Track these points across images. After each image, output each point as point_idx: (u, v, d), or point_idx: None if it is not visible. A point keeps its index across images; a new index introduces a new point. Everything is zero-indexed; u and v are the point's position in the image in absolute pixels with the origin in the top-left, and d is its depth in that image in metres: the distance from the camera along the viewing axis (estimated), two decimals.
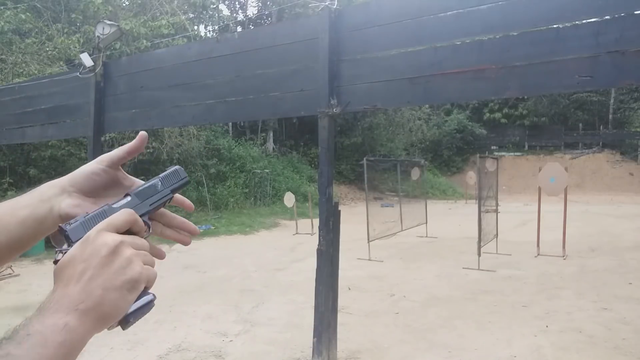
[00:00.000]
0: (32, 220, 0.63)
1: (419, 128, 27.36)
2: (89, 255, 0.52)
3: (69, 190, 0.65)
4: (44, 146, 11.19)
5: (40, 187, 0.67)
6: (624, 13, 2.90)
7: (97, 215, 0.58)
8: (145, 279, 0.55)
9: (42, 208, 0.63)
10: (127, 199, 0.63)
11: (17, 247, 0.64)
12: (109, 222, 0.56)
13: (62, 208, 0.63)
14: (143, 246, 0.57)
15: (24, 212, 0.64)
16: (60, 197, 0.64)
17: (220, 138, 19.11)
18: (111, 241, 0.53)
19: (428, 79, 3.54)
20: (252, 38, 4.68)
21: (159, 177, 0.69)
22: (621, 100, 32.79)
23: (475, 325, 5.08)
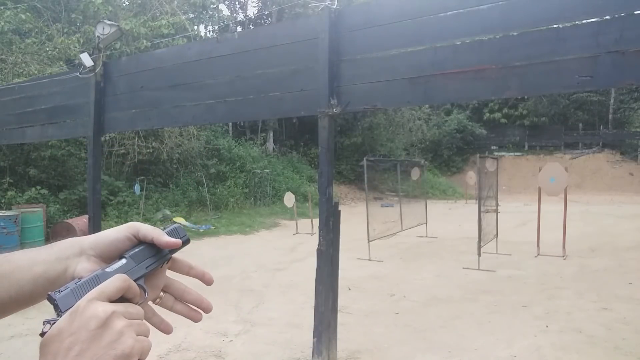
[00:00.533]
0: (45, 279, 0.60)
1: (419, 128, 27.36)
2: (77, 328, 0.49)
3: (88, 253, 0.61)
4: (44, 146, 11.19)
5: (60, 243, 0.63)
6: (624, 13, 2.90)
7: (89, 281, 0.54)
8: (138, 352, 0.51)
9: (58, 267, 0.60)
10: (122, 261, 0.59)
11: (25, 303, 0.62)
12: (101, 291, 0.52)
13: (77, 271, 0.60)
14: (137, 315, 0.54)
15: (39, 268, 0.60)
16: (77, 258, 0.61)
17: (220, 138, 19.11)
18: (102, 312, 0.50)
19: (428, 79, 3.54)
20: (252, 38, 4.68)
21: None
22: (621, 100, 32.79)
23: (475, 325, 5.08)
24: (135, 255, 0.60)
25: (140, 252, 0.61)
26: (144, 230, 0.62)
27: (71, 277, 0.59)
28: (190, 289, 0.67)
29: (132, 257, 0.60)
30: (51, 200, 11.18)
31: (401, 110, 24.27)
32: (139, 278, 0.59)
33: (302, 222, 12.93)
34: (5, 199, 10.61)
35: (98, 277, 0.55)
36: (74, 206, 11.58)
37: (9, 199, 10.57)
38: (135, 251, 0.61)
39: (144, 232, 0.62)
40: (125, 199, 13.10)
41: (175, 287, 0.67)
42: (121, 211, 12.69)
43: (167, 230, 0.66)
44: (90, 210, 5.75)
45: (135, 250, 0.61)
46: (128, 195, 13.23)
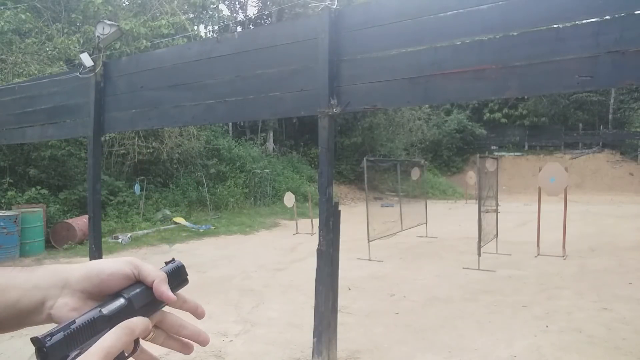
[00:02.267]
0: (17, 309, 0.50)
1: (419, 128, 27.36)
2: None
3: (73, 287, 0.53)
4: (44, 146, 11.19)
5: (42, 268, 0.54)
6: (624, 13, 2.90)
7: (84, 327, 0.47)
8: None
9: (34, 296, 0.51)
10: (119, 301, 0.52)
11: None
12: (106, 352, 0.45)
13: (56, 308, 0.51)
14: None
15: (13, 294, 0.50)
16: (59, 290, 0.52)
17: (220, 138, 19.12)
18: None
19: (428, 79, 3.54)
20: (252, 38, 4.68)
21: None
22: (621, 100, 32.78)
23: (475, 325, 5.08)
24: (136, 297, 0.53)
25: (140, 293, 0.53)
26: (145, 270, 0.55)
27: (48, 314, 0.51)
28: (187, 323, 0.59)
29: (132, 299, 0.52)
30: (51, 200, 11.18)
31: (401, 110, 24.27)
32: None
33: (302, 222, 12.93)
34: (5, 199, 10.60)
35: (94, 322, 0.48)
36: (74, 206, 11.59)
37: (9, 199, 10.57)
38: (135, 292, 0.53)
39: (145, 272, 0.55)
40: (125, 199, 13.10)
41: (170, 321, 0.59)
42: (121, 211, 12.69)
43: (169, 269, 0.59)
44: (90, 210, 5.75)
45: (136, 291, 0.53)
46: (128, 195, 13.23)
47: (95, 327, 0.48)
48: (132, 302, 0.52)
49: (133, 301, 0.53)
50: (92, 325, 0.48)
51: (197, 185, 16.05)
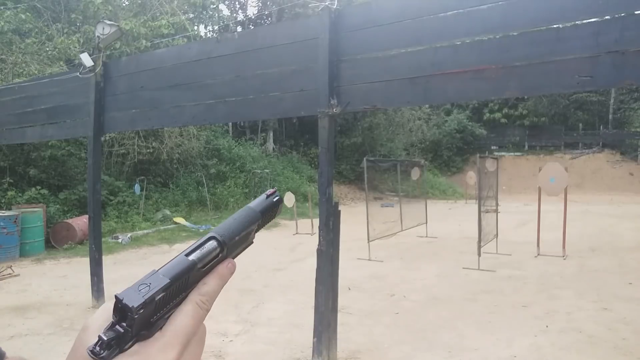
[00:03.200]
0: None
1: (419, 128, 27.35)
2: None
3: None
4: (44, 146, 11.19)
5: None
6: (624, 13, 2.90)
7: (176, 286, 0.41)
8: None
9: None
10: (211, 244, 0.45)
11: None
12: (186, 338, 0.40)
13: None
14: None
15: None
16: None
17: (220, 138, 19.12)
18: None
19: (428, 79, 3.54)
20: (252, 38, 4.68)
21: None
22: (621, 100, 32.77)
23: (475, 325, 5.08)
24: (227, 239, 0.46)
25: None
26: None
27: None
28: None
29: (226, 241, 0.46)
30: (51, 200, 11.18)
31: (401, 110, 24.27)
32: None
33: (302, 222, 12.93)
34: (5, 199, 10.60)
35: (188, 278, 0.42)
36: (74, 206, 11.58)
37: (9, 199, 10.57)
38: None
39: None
40: (125, 199, 13.10)
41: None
42: (121, 211, 12.70)
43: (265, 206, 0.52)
44: (90, 210, 5.76)
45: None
46: (128, 195, 13.23)
47: (187, 284, 0.42)
48: (229, 248, 0.45)
49: (229, 247, 0.45)
50: (184, 282, 0.42)
51: (197, 185, 16.05)
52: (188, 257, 0.42)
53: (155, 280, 0.39)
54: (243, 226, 0.47)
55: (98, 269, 5.89)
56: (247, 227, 0.47)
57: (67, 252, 9.66)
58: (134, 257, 9.35)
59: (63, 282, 7.15)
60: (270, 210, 0.51)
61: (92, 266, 5.89)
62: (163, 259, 9.33)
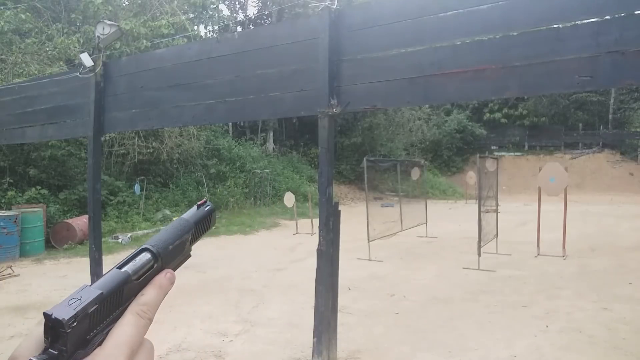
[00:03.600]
0: None
1: (419, 128, 27.35)
2: None
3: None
4: (44, 146, 11.19)
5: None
6: (624, 13, 2.90)
7: (111, 299, 0.40)
8: None
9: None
10: (144, 256, 0.45)
11: None
12: (130, 347, 0.38)
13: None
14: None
15: None
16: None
17: (220, 138, 19.12)
18: None
19: (428, 79, 3.54)
20: (252, 38, 4.68)
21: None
22: (621, 100, 32.77)
23: (475, 325, 5.08)
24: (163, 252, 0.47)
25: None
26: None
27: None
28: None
29: (160, 253, 0.46)
30: (51, 200, 11.18)
31: (401, 110, 24.27)
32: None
33: (302, 222, 12.93)
34: (5, 199, 10.60)
35: (122, 291, 0.41)
36: (74, 206, 11.59)
37: (9, 199, 10.57)
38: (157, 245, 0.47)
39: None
40: (125, 199, 13.10)
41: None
42: (121, 211, 12.70)
43: (198, 217, 0.53)
44: (90, 210, 5.76)
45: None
46: (128, 195, 13.24)
47: (122, 297, 0.41)
48: (163, 258, 0.45)
49: (163, 257, 0.45)
50: (119, 295, 0.41)
51: (197, 185, 16.05)
52: (121, 269, 0.42)
53: (86, 293, 0.38)
54: (176, 236, 0.47)
55: (98, 269, 5.89)
56: (180, 237, 0.47)
57: (67, 252, 9.66)
58: None
59: (63, 282, 7.15)
60: (204, 220, 0.51)
61: (92, 266, 5.89)
62: None
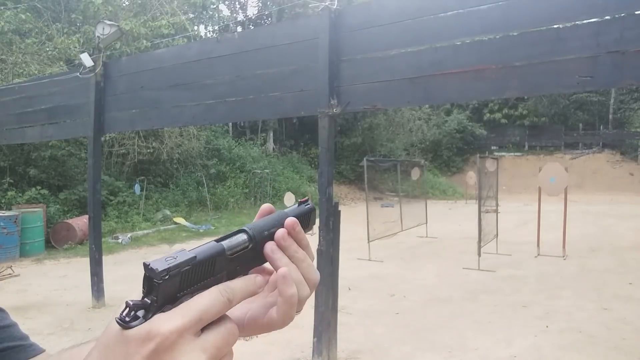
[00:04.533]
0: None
1: (419, 128, 27.36)
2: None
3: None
4: (44, 146, 11.19)
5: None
6: (624, 13, 2.90)
7: (202, 266, 0.41)
8: None
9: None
10: (240, 237, 0.46)
11: None
12: (199, 315, 0.38)
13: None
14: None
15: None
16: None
17: (220, 138, 19.12)
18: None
19: (428, 79, 3.54)
20: (252, 38, 4.68)
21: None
22: (621, 101, 32.78)
23: (475, 325, 5.08)
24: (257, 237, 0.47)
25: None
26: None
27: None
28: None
29: (256, 237, 0.46)
30: (51, 200, 11.18)
31: (401, 110, 24.27)
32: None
33: None
34: (5, 199, 10.60)
35: (214, 262, 0.42)
36: (74, 206, 11.59)
37: (9, 199, 10.57)
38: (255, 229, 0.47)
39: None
40: (125, 199, 13.10)
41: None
42: (121, 211, 12.70)
43: (299, 212, 0.52)
44: (90, 210, 5.76)
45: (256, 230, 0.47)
46: (128, 195, 13.23)
47: (214, 267, 0.42)
48: (257, 242, 0.46)
49: (257, 241, 0.46)
50: (211, 265, 0.41)
51: (197, 185, 16.05)
52: (218, 243, 0.43)
53: (182, 255, 0.40)
54: (272, 225, 0.47)
55: (98, 269, 5.89)
56: (275, 226, 0.47)
57: (67, 252, 9.66)
58: (134, 257, 9.34)
59: (63, 282, 7.15)
60: (302, 217, 0.50)
61: (92, 266, 5.89)
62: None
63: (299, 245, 0.47)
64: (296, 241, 0.47)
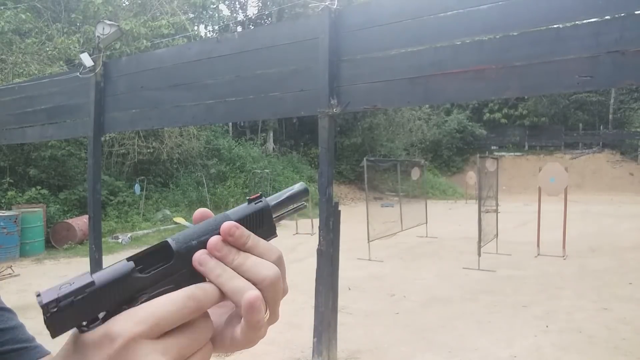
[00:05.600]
0: None
1: (419, 128, 27.36)
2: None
3: None
4: (44, 146, 11.19)
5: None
6: (624, 13, 2.90)
7: (111, 286, 0.36)
8: None
9: None
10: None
11: None
12: (156, 321, 0.35)
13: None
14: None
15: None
16: None
17: (221, 138, 19.13)
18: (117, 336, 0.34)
19: (428, 79, 3.54)
20: (252, 38, 4.68)
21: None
22: (621, 100, 32.78)
23: (475, 325, 5.08)
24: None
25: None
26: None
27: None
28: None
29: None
30: (51, 200, 11.18)
31: (401, 110, 24.27)
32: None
33: (302, 222, 12.92)
34: (5, 199, 10.60)
35: (127, 280, 0.37)
36: (74, 206, 11.59)
37: (9, 199, 10.57)
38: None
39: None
40: (125, 199, 13.10)
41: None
42: (121, 211, 12.69)
43: (245, 213, 0.44)
44: (90, 210, 5.75)
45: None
46: (128, 195, 13.24)
47: (122, 291, 0.36)
48: (181, 254, 0.39)
49: (182, 254, 0.39)
50: (119, 289, 0.36)
51: (197, 185, 16.05)
52: (128, 261, 0.37)
53: (80, 280, 0.35)
54: (205, 231, 0.40)
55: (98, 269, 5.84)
56: (209, 232, 0.40)
57: (67, 252, 9.66)
58: None
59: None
60: (251, 219, 0.43)
61: (92, 266, 5.88)
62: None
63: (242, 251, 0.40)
64: (237, 247, 0.39)
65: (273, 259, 0.42)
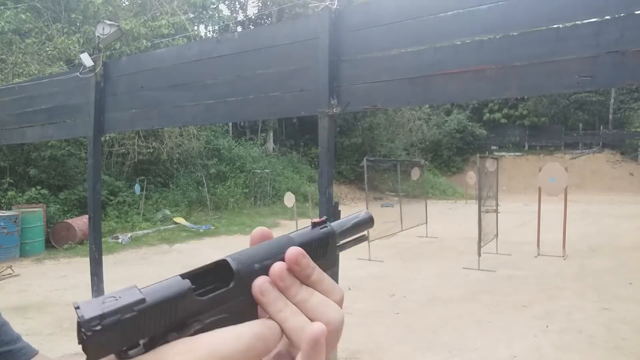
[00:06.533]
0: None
1: (419, 128, 27.37)
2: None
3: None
4: (44, 146, 11.19)
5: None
6: (624, 13, 2.90)
7: (164, 306, 0.30)
8: None
9: None
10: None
11: None
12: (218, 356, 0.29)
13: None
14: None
15: None
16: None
17: (221, 138, 19.13)
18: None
19: (428, 79, 3.54)
20: (252, 38, 4.68)
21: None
22: (621, 100, 32.78)
23: (475, 325, 5.08)
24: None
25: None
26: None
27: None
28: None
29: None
30: (51, 200, 11.18)
31: (401, 110, 24.27)
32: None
33: (302, 222, 12.92)
34: (5, 199, 10.60)
35: (183, 302, 0.31)
36: (74, 206, 11.59)
37: (9, 199, 10.58)
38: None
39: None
40: (126, 199, 13.10)
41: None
42: (121, 211, 12.70)
43: (311, 237, 0.40)
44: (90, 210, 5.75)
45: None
46: (128, 195, 13.24)
47: (176, 312, 0.30)
48: (242, 278, 0.33)
49: (243, 277, 0.34)
50: (173, 309, 0.30)
51: (197, 185, 16.05)
52: (183, 279, 0.32)
53: (128, 296, 0.30)
54: (267, 254, 0.35)
55: (98, 269, 5.89)
56: (273, 256, 0.35)
57: (67, 252, 9.66)
58: (134, 257, 9.35)
59: (63, 282, 7.15)
60: (315, 245, 0.38)
61: (92, 266, 5.88)
62: (163, 259, 9.32)
63: (305, 284, 0.35)
64: (301, 279, 0.34)
65: (337, 299, 0.36)
